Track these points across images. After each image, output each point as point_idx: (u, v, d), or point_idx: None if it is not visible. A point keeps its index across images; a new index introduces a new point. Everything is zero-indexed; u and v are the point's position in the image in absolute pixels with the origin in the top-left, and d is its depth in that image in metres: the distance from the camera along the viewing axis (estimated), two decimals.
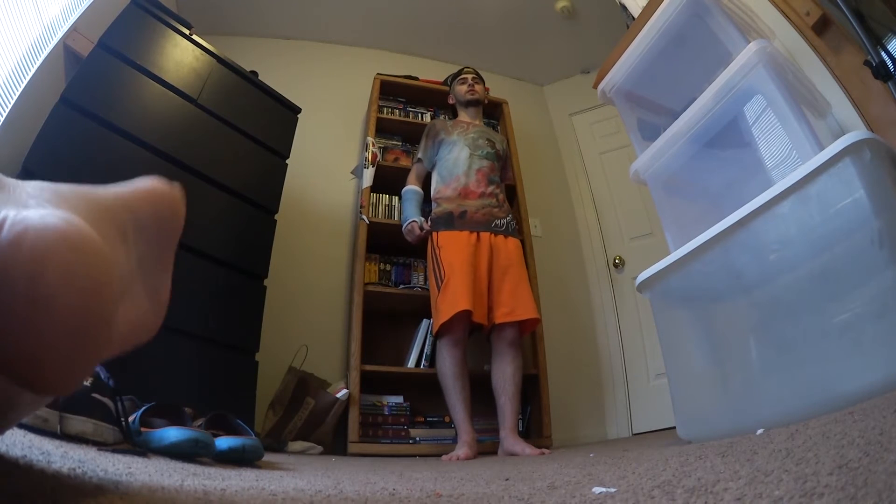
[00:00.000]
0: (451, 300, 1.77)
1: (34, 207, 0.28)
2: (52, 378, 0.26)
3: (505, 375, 1.80)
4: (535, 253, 2.43)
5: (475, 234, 1.94)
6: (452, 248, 1.90)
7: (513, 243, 2.00)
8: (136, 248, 0.35)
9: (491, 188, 2.05)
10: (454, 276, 1.82)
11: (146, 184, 0.37)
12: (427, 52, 3.22)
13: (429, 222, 2.01)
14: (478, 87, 2.29)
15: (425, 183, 2.17)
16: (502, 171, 2.23)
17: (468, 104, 2.27)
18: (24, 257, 0.25)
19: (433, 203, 2.07)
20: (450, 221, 1.97)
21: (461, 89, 2.28)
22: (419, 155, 2.17)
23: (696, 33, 1.33)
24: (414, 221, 1.99)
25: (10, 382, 0.27)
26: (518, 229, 2.14)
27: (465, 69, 2.37)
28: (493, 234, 1.97)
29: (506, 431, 1.74)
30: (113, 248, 0.31)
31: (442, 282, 1.84)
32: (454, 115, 2.45)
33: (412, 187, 2.11)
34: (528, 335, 2.07)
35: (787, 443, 0.58)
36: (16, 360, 0.25)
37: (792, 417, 0.80)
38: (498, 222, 2.00)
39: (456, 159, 2.07)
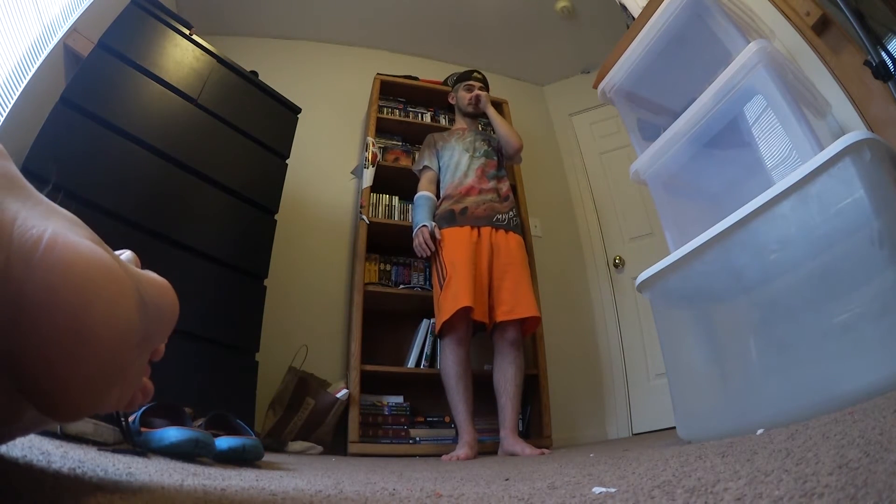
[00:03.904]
0: (452, 298, 1.78)
1: (75, 233, 0.28)
2: (74, 408, 0.26)
3: (506, 376, 1.80)
4: (535, 253, 2.43)
5: (476, 230, 1.94)
6: (454, 246, 1.90)
7: (514, 240, 2.00)
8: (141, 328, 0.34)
9: (491, 183, 2.05)
10: (456, 274, 1.82)
11: (157, 276, 0.37)
12: (427, 52, 3.22)
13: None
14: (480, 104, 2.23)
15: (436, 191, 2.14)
16: (503, 163, 2.19)
17: (467, 114, 2.26)
18: (75, 285, 0.25)
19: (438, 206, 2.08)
20: (451, 219, 1.97)
21: (465, 96, 2.24)
22: (424, 163, 2.15)
23: (696, 33, 1.33)
24: (424, 226, 1.96)
25: (19, 398, 0.27)
26: (521, 225, 2.13)
27: (474, 74, 2.30)
28: (494, 230, 1.97)
29: (506, 431, 1.75)
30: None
31: (444, 280, 1.85)
32: (452, 113, 2.43)
33: (424, 193, 2.08)
34: (529, 336, 2.07)
35: (787, 443, 0.58)
36: (46, 387, 0.25)
37: (792, 417, 0.80)
38: (500, 217, 2.00)
39: (457, 163, 2.09)
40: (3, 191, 0.28)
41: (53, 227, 0.26)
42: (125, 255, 0.37)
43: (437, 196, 2.11)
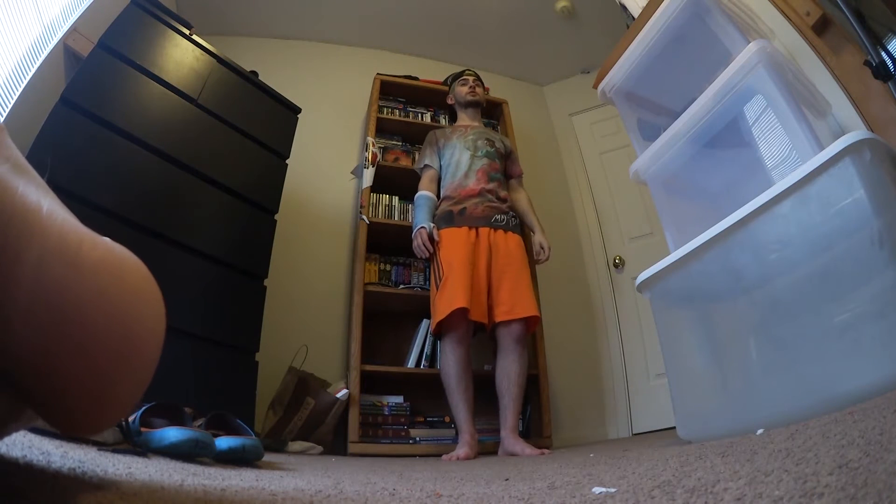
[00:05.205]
0: (448, 298, 1.77)
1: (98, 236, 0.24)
2: (101, 425, 0.23)
3: (510, 376, 1.79)
4: (535, 253, 2.43)
5: (474, 230, 1.94)
6: (451, 246, 1.90)
7: (513, 240, 1.99)
8: None
9: (492, 185, 2.05)
10: (452, 274, 1.82)
11: None
12: (427, 52, 3.22)
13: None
14: (478, 90, 2.30)
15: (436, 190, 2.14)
16: (508, 167, 2.22)
17: (468, 105, 2.28)
18: (128, 291, 0.21)
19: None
20: (450, 219, 1.97)
21: (462, 90, 2.29)
22: (426, 162, 2.15)
23: (696, 33, 1.33)
24: (423, 228, 1.96)
25: (22, 406, 0.24)
26: (520, 225, 2.14)
27: (467, 71, 2.38)
28: (492, 230, 1.96)
29: (506, 431, 1.74)
30: None
31: (441, 280, 1.84)
32: (452, 116, 2.44)
33: (425, 193, 2.07)
34: (528, 336, 2.07)
35: (787, 443, 0.58)
36: (74, 406, 0.21)
37: (792, 417, 0.80)
38: (498, 217, 1.99)
39: (458, 162, 2.08)
40: (20, 175, 0.23)
41: (78, 224, 0.23)
42: None
43: (439, 194, 2.11)
